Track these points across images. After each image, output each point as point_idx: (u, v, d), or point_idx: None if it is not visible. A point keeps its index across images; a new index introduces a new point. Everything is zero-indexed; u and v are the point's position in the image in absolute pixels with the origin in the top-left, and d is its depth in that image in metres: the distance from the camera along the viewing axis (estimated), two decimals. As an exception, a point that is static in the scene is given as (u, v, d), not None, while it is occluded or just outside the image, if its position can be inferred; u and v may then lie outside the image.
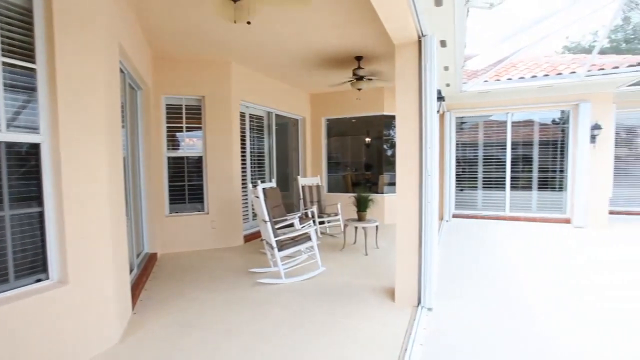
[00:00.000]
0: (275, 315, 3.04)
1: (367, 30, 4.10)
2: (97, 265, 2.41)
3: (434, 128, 2.99)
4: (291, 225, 4.97)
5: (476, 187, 7.87)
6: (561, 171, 7.18)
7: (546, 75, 6.42)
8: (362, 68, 5.25)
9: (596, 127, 6.61)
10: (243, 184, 5.72)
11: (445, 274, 4.07)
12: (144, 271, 4.03)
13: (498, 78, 6.74)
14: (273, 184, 5.75)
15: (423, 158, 3.01)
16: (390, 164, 7.43)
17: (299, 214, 5.43)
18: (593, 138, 6.64)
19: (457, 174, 7.91)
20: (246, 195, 5.83)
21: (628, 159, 7.83)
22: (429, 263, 3.06)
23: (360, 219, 5.04)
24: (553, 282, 3.84)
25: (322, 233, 6.28)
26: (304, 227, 4.70)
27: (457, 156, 7.92)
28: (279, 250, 3.87)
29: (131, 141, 4.16)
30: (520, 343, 2.57)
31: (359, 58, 5.13)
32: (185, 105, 5.24)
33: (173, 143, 5.27)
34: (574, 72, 6.24)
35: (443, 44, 3.98)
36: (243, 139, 5.79)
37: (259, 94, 6.09)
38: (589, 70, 6.10)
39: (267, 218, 3.87)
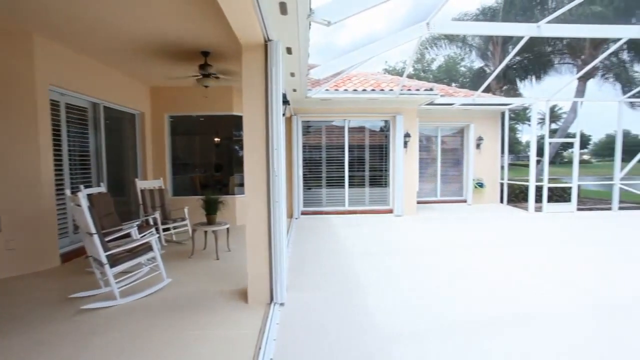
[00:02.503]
0: (107, 344, 2.55)
1: (214, 25, 3.93)
2: None
3: (280, 130, 3.12)
4: (128, 235, 4.30)
5: (321, 185, 8.70)
6: (385, 170, 8.71)
7: (373, 90, 7.69)
8: (209, 65, 5.01)
9: (407, 135, 8.33)
10: (59, 190, 4.59)
11: (295, 268, 4.32)
12: None
13: (337, 88, 7.64)
14: (102, 188, 4.84)
15: (270, 159, 3.10)
16: (241, 164, 7.34)
17: (138, 222, 4.76)
18: (405, 144, 8.34)
19: (304, 174, 8.52)
20: (64, 203, 4.70)
21: (427, 161, 10.21)
22: (279, 260, 3.17)
23: (210, 222, 4.80)
24: (382, 264, 4.58)
25: (167, 241, 5.67)
26: (144, 236, 4.15)
27: (304, 157, 8.54)
28: (112, 266, 3.28)
29: None
30: (357, 326, 2.96)
31: (205, 53, 4.88)
32: (-43, 85, 3.82)
33: None
34: (392, 90, 7.67)
35: (289, 50, 4.21)
36: (58, 135, 4.65)
37: (81, 80, 5.01)
38: (401, 90, 7.62)
39: (92, 230, 3.21)
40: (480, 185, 10.01)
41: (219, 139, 7.57)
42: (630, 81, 13.83)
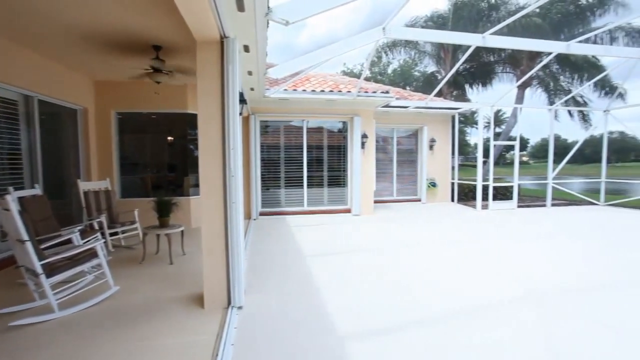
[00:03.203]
0: (41, 362, 2.32)
1: (167, 19, 3.73)
2: None
3: (237, 129, 3.04)
4: (69, 241, 3.94)
5: (279, 186, 8.63)
6: (344, 170, 8.84)
7: (331, 91, 7.78)
8: (161, 60, 4.75)
9: (364, 136, 8.52)
10: (-17, 192, 4.10)
11: (253, 270, 4.24)
12: None
13: (295, 88, 7.62)
14: (37, 190, 4.39)
15: (226, 158, 3.01)
16: (197, 164, 7.04)
17: (81, 227, 4.39)
18: (363, 145, 8.53)
19: (262, 174, 8.40)
20: (-10, 208, 4.20)
21: (384, 161, 10.52)
22: (237, 262, 3.09)
23: (163, 225, 4.56)
24: (340, 264, 4.65)
25: (115, 246, 5.29)
26: (88, 241, 3.83)
27: (262, 157, 8.41)
28: (48, 276, 2.99)
29: None
30: (315, 327, 2.96)
31: (157, 48, 4.62)
32: None
33: None
34: (349, 92, 7.81)
35: (246, 49, 4.12)
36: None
37: (8, 69, 4.49)
38: (359, 92, 7.78)
39: (24, 236, 2.90)
40: (433, 184, 10.53)
41: (172, 138, 7.21)
42: (557, 90, 15.45)
